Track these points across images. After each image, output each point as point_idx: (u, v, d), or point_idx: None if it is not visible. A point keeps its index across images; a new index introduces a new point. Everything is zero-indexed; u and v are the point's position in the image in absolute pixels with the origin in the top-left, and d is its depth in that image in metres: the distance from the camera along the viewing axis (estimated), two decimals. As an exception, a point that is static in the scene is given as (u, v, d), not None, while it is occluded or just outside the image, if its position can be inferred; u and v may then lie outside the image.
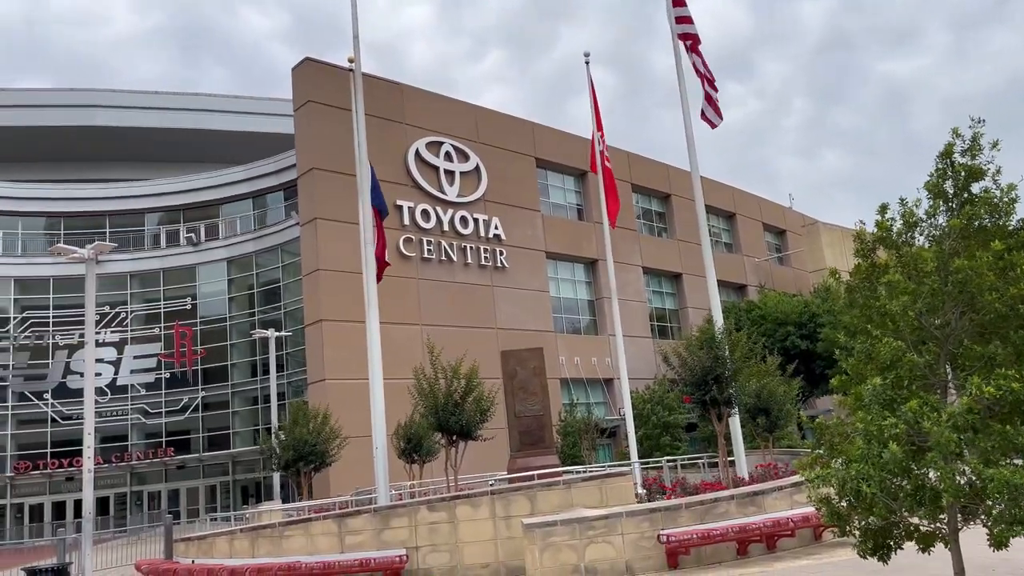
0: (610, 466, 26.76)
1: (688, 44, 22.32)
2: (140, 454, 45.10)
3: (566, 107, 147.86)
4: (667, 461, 24.52)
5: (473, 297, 40.96)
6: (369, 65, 36.53)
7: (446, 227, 40.94)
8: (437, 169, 41.41)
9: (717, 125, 22.43)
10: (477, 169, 43.06)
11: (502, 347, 26.36)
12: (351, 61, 21.31)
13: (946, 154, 8.00)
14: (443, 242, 40.61)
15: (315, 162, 37.30)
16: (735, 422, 21.13)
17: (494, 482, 20.91)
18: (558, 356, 42.60)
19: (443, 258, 40.48)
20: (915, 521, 7.75)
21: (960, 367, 7.83)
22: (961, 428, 6.96)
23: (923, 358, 7.60)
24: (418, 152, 40.80)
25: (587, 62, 27.75)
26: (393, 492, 20.93)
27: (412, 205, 39.69)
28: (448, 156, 42.07)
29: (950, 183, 8.03)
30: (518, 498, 16.00)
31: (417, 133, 41.03)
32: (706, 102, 22.47)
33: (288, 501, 32.98)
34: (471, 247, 41.75)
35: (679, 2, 22.61)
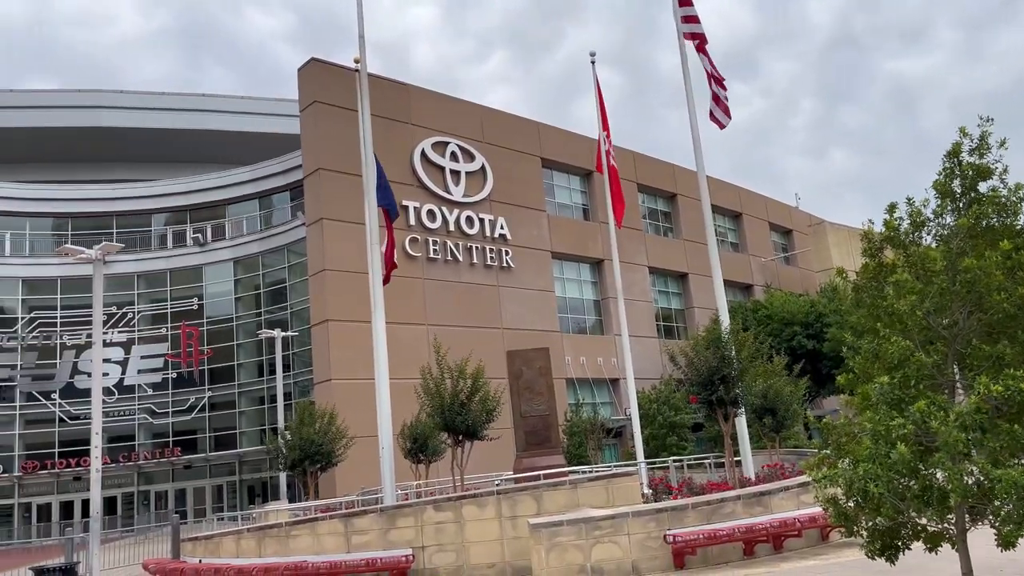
0: (616, 466, 26.72)
1: (696, 44, 22.24)
2: (147, 454, 45.25)
3: (571, 107, 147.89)
4: (673, 461, 24.49)
5: (479, 297, 40.98)
6: (375, 66, 36.59)
7: (452, 227, 40.96)
8: (443, 169, 41.44)
9: (726, 125, 22.33)
10: (483, 169, 43.07)
11: (508, 347, 26.35)
12: (357, 62, 21.32)
13: (954, 153, 7.97)
14: (449, 242, 40.63)
15: (321, 162, 37.36)
16: (741, 422, 21.07)
17: (500, 482, 20.89)
18: (564, 356, 42.59)
19: (449, 258, 40.50)
20: (922, 522, 7.73)
21: (968, 367, 7.81)
22: (969, 428, 6.94)
23: (931, 358, 7.58)
24: (424, 152, 40.84)
25: (592, 62, 27.73)
26: (399, 492, 20.94)
27: (418, 205, 39.72)
28: (454, 156, 42.09)
29: (958, 182, 8.01)
30: (524, 498, 16.00)
31: (423, 133, 41.06)
32: (714, 102, 22.39)
33: (294, 501, 33.04)
34: (477, 247, 41.76)
35: (685, 2, 22.51)
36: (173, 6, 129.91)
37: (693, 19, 22.33)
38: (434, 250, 39.93)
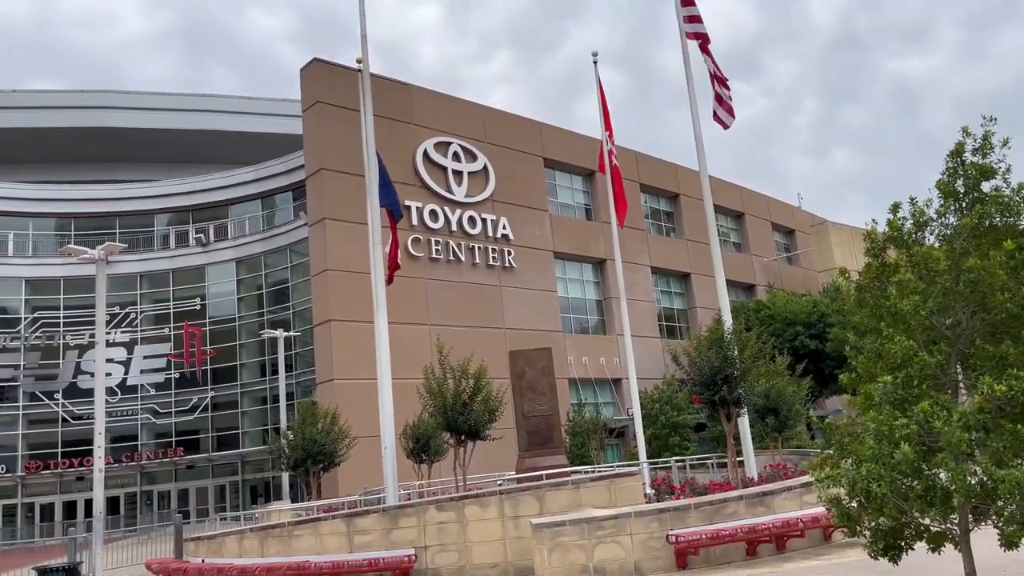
0: (619, 466, 26.71)
1: (699, 44, 22.19)
2: (150, 454, 45.31)
3: (574, 107, 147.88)
4: (676, 461, 24.48)
5: (481, 297, 40.98)
6: (377, 66, 36.58)
7: (454, 227, 40.98)
8: (445, 169, 41.46)
9: (729, 125, 22.23)
10: (485, 169, 43.08)
11: (510, 347, 26.35)
12: (359, 62, 21.35)
13: (957, 153, 7.96)
14: (451, 242, 40.64)
15: (324, 162, 37.39)
16: (744, 422, 21.05)
17: (503, 482, 20.91)
18: (566, 356, 42.58)
19: (451, 258, 40.52)
20: (925, 522, 7.72)
21: (971, 367, 7.80)
22: (972, 428, 6.93)
23: (934, 358, 7.57)
24: (426, 152, 40.86)
25: (595, 62, 27.71)
26: (402, 492, 20.95)
27: (420, 205, 39.74)
28: (456, 156, 42.10)
29: (961, 182, 8.00)
30: (527, 498, 16.00)
31: (425, 133, 41.08)
32: (717, 103, 22.33)
33: (297, 501, 33.07)
34: (479, 247, 41.78)
35: (688, 1, 22.48)
36: (176, 7, 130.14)
37: (696, 19, 22.29)
38: (436, 250, 39.95)
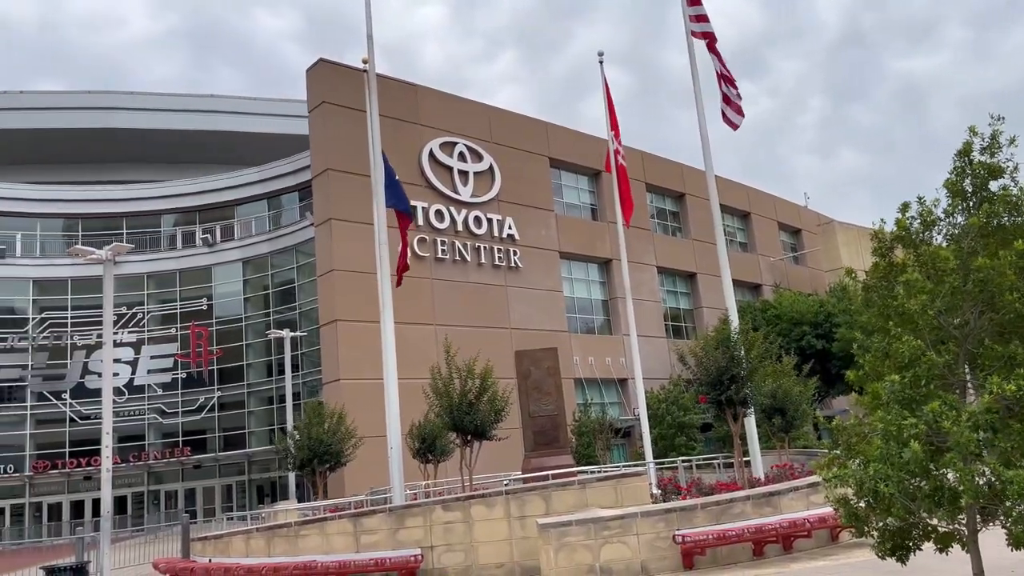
0: (625, 466, 26.70)
1: (706, 43, 22.12)
2: (157, 454, 45.44)
3: (580, 107, 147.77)
4: (682, 461, 24.45)
5: (487, 297, 40.99)
6: (383, 66, 36.64)
7: (460, 227, 41.00)
8: (451, 169, 41.48)
9: (739, 125, 22.11)
10: (491, 169, 43.09)
11: (516, 347, 26.37)
12: (365, 62, 21.37)
13: (964, 152, 7.93)
14: (457, 242, 40.66)
15: (330, 163, 37.45)
16: (751, 422, 21.02)
17: (509, 482, 20.92)
18: (572, 356, 42.56)
19: (457, 258, 40.54)
20: (933, 522, 7.69)
21: (979, 367, 7.77)
22: (981, 428, 6.91)
23: (942, 358, 7.54)
24: (432, 152, 40.89)
25: (601, 61, 27.68)
26: (408, 492, 20.97)
27: (426, 205, 39.76)
28: (462, 156, 42.12)
29: (969, 181, 7.97)
30: (533, 498, 16.00)
31: (431, 133, 41.11)
32: (724, 103, 22.25)
33: (303, 501, 33.12)
34: (485, 247, 41.79)
35: (695, 1, 22.44)
36: (181, 7, 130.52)
37: (703, 18, 22.23)
38: (442, 250, 39.98)
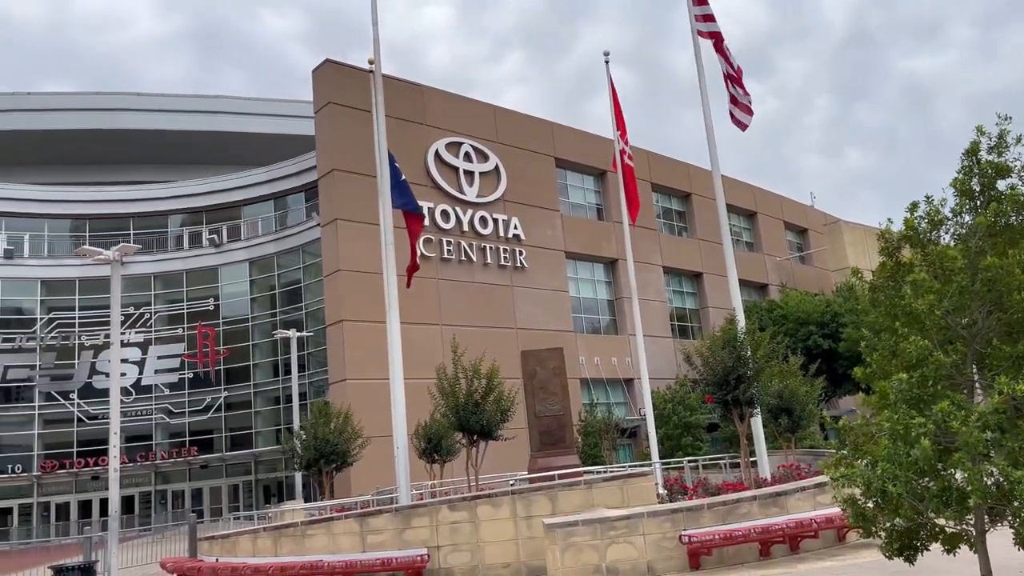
0: (631, 466, 26.67)
1: (713, 43, 22.06)
2: (164, 453, 45.58)
3: (586, 107, 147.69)
4: (688, 461, 24.43)
5: (492, 297, 41.00)
6: (389, 67, 36.67)
7: (466, 227, 41.01)
8: (457, 170, 41.50)
9: (747, 125, 22.06)
10: (496, 169, 43.10)
11: (522, 347, 26.34)
12: (371, 63, 21.37)
13: (972, 151, 7.91)
14: (463, 242, 40.68)
15: (336, 163, 37.51)
16: (757, 422, 20.97)
17: (515, 482, 20.91)
18: (578, 356, 42.54)
19: (463, 258, 40.55)
20: (941, 522, 7.67)
21: (987, 367, 7.74)
22: (990, 428, 6.88)
23: (949, 358, 7.52)
24: (438, 153, 40.92)
25: (607, 61, 27.64)
26: (414, 492, 20.97)
27: (432, 206, 39.77)
28: (468, 156, 42.14)
29: (976, 180, 7.94)
30: (539, 498, 16.00)
31: (437, 134, 41.14)
32: (732, 103, 22.19)
33: (310, 500, 33.18)
34: (490, 247, 41.80)
35: (701, 0, 22.38)
36: (187, 9, 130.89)
37: (709, 18, 22.16)
38: (448, 250, 40.00)
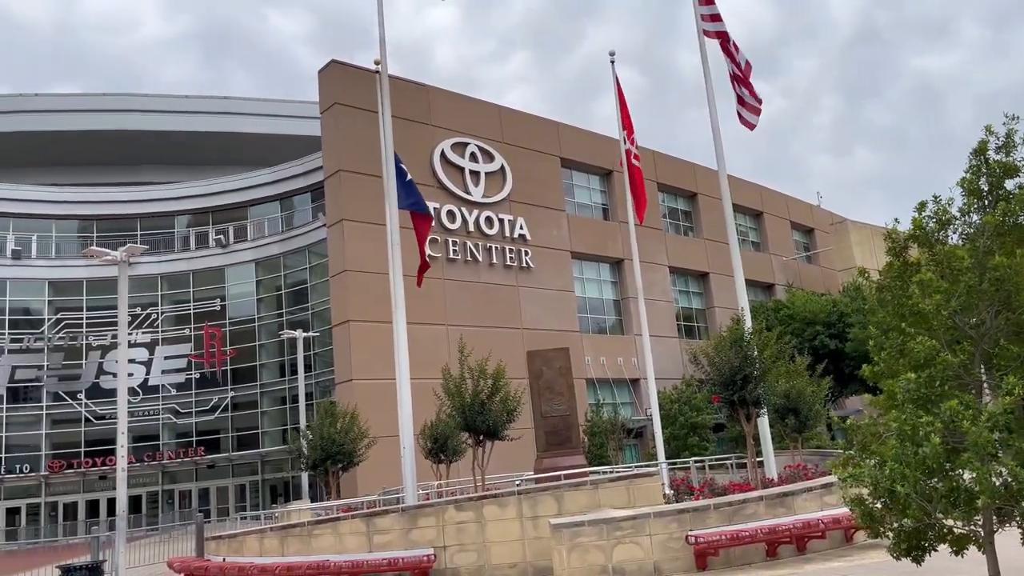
0: (637, 466, 26.65)
1: (720, 43, 22.00)
2: (171, 453, 45.71)
3: (591, 106, 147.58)
4: (695, 462, 24.41)
5: (498, 297, 41.00)
6: (394, 67, 36.68)
7: (471, 227, 41.03)
8: (462, 170, 41.52)
9: (755, 125, 21.99)
10: (502, 169, 43.10)
11: (527, 347, 26.34)
12: (377, 63, 21.42)
13: (980, 151, 7.88)
14: (468, 242, 40.69)
15: (342, 164, 37.56)
16: (764, 422, 20.93)
17: (521, 482, 20.92)
18: (584, 356, 42.50)
19: (468, 258, 40.56)
20: (949, 523, 7.64)
21: (995, 367, 7.71)
22: (998, 428, 6.85)
23: (957, 358, 7.49)
24: (443, 153, 40.94)
25: (612, 61, 27.62)
26: (420, 492, 21.00)
27: (437, 206, 39.77)
28: (473, 157, 42.15)
29: (984, 180, 7.91)
30: (545, 498, 16.00)
31: (442, 134, 41.16)
32: (739, 104, 22.13)
33: (316, 500, 33.23)
34: (496, 247, 41.80)
35: (707, 0, 22.33)
36: (194, 10, 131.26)
37: (716, 17, 22.09)
38: (454, 251, 40.02)
